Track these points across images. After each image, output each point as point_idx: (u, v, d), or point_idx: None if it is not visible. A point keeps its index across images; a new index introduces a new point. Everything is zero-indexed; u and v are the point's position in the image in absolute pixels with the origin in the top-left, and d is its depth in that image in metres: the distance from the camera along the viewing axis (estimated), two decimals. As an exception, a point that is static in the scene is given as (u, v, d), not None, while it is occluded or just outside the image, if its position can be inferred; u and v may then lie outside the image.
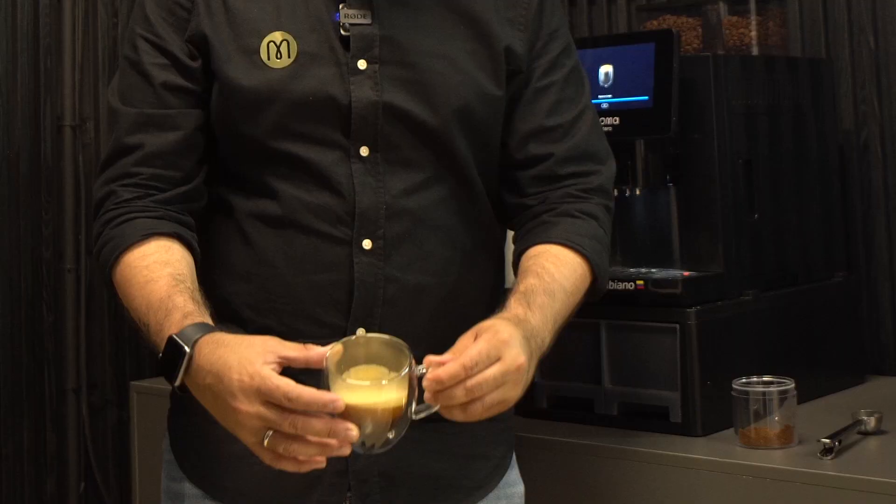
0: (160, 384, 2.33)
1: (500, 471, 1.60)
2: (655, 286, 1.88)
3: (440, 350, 1.31)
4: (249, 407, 1.25)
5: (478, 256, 1.57)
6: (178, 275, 1.43)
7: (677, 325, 1.85)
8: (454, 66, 1.51)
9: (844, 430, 1.75)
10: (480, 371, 1.28)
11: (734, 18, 2.13)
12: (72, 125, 2.76)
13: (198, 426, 1.51)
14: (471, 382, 1.27)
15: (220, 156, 1.54)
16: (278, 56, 1.47)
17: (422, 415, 1.30)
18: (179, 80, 1.50)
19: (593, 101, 1.94)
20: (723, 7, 2.13)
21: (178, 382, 1.33)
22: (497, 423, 1.53)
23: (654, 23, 2.17)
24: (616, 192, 2.01)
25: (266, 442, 1.25)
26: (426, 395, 1.28)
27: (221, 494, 1.52)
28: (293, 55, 1.47)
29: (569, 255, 1.50)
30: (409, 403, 1.28)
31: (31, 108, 2.71)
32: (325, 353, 1.27)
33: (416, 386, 1.28)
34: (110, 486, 2.82)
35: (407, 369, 1.27)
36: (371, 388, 1.26)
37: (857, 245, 2.31)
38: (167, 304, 1.38)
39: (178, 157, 1.50)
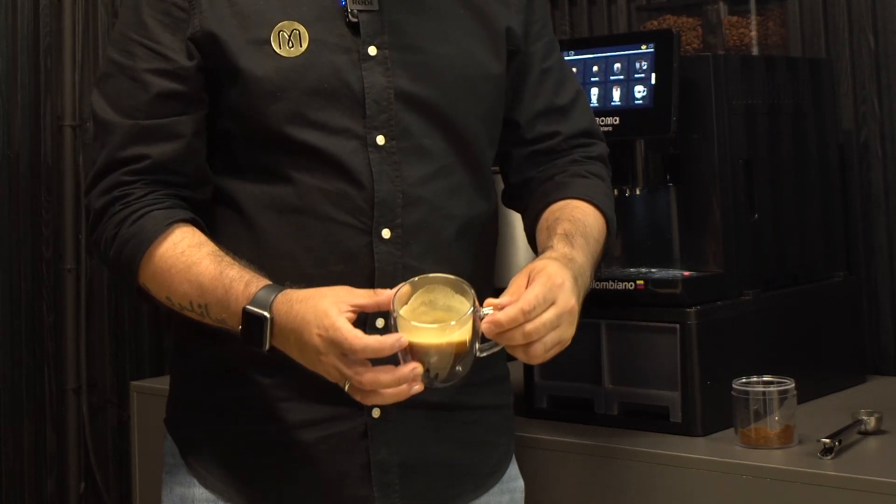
0: (160, 384, 2.34)
1: (506, 459, 1.64)
2: (655, 286, 1.88)
3: None
4: (329, 359, 1.32)
5: (484, 247, 1.60)
6: (217, 252, 1.44)
7: (677, 325, 1.85)
8: (458, 48, 1.55)
9: (844, 430, 1.75)
10: (538, 315, 1.34)
11: (734, 18, 2.13)
12: (72, 125, 2.76)
13: (225, 436, 1.52)
14: (529, 327, 1.33)
15: (227, 147, 1.52)
16: (290, 45, 1.47)
17: (486, 353, 1.37)
18: (175, 86, 1.48)
19: (593, 101, 1.96)
20: (723, 7, 2.13)
21: (267, 347, 1.38)
22: (505, 411, 1.63)
23: (654, 23, 2.17)
24: (616, 192, 2.03)
25: (347, 388, 1.33)
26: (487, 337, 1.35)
27: (250, 500, 1.53)
28: (305, 44, 1.48)
29: (589, 208, 1.57)
30: (473, 341, 1.34)
31: (31, 108, 2.72)
32: (392, 295, 1.33)
33: (479, 325, 1.34)
34: (110, 486, 2.82)
35: (470, 310, 1.33)
36: (436, 329, 1.32)
37: (857, 245, 2.31)
38: (223, 281, 1.41)
39: (180, 165, 1.49)
